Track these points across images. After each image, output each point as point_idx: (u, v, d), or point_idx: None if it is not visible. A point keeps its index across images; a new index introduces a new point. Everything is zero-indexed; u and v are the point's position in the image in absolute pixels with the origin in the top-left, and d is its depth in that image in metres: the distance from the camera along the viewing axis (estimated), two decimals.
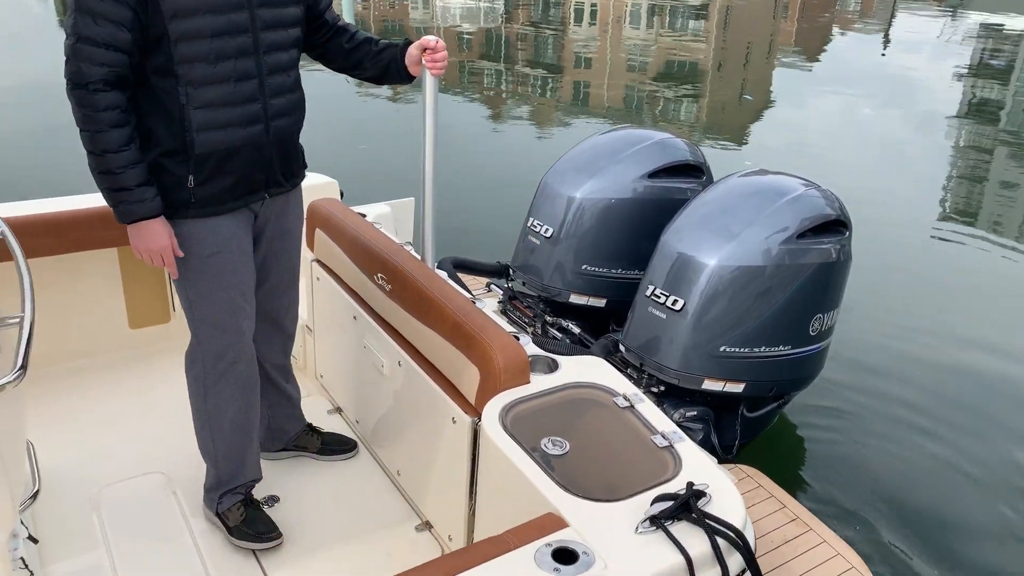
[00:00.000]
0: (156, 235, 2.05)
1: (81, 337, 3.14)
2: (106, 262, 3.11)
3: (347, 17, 15.20)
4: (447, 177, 6.57)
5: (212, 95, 2.01)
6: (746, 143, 8.28)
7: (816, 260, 2.79)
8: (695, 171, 3.45)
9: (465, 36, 13.53)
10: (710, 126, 8.84)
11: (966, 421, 3.87)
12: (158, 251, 2.06)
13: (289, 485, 2.59)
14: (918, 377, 4.21)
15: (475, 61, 11.66)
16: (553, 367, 2.14)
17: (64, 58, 1.91)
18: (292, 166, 2.27)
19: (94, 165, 1.97)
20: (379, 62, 2.30)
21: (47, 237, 2.94)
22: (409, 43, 2.29)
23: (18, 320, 1.63)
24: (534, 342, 2.37)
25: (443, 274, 2.62)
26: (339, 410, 3.00)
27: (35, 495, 2.15)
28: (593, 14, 16.23)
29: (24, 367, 1.51)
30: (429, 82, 2.31)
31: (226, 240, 2.13)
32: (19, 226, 2.86)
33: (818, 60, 12.54)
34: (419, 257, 2.56)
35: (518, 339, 2.19)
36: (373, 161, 7.30)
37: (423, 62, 2.28)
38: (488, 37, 13.45)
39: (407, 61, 2.27)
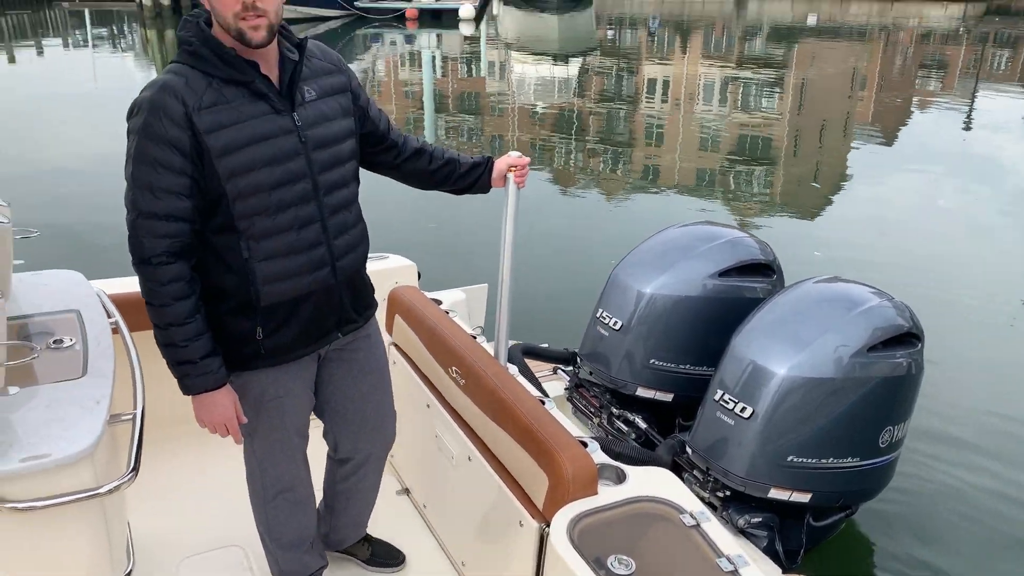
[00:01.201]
0: (220, 406, 2.01)
1: (161, 406, 3.31)
2: None
3: (427, 90, 15.76)
4: (516, 256, 6.71)
5: (275, 246, 1.97)
6: (819, 226, 8.23)
7: (887, 373, 2.78)
8: (766, 270, 3.49)
9: (538, 111, 13.88)
10: (784, 206, 8.83)
11: None
12: (222, 423, 2.03)
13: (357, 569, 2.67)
14: (996, 475, 4.05)
15: (547, 137, 11.94)
16: (621, 477, 2.19)
17: (127, 233, 1.89)
18: (363, 299, 2.25)
19: (160, 338, 1.94)
20: (465, 180, 2.39)
21: (137, 314, 3.13)
22: (491, 160, 2.41)
23: (131, 417, 1.76)
24: (601, 444, 2.43)
25: (514, 369, 2.71)
26: (407, 491, 3.08)
27: (129, 574, 2.27)
28: (665, 87, 16.46)
29: (136, 468, 1.64)
30: (512, 193, 2.45)
31: (289, 387, 2.14)
32: (120, 303, 3.06)
33: (896, 138, 12.42)
34: (492, 347, 2.66)
35: (586, 445, 2.25)
36: (445, 241, 7.50)
37: (508, 176, 2.41)
38: (560, 112, 13.77)
39: (493, 175, 2.40)
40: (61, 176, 9.47)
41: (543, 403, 2.39)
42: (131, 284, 3.18)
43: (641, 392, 3.45)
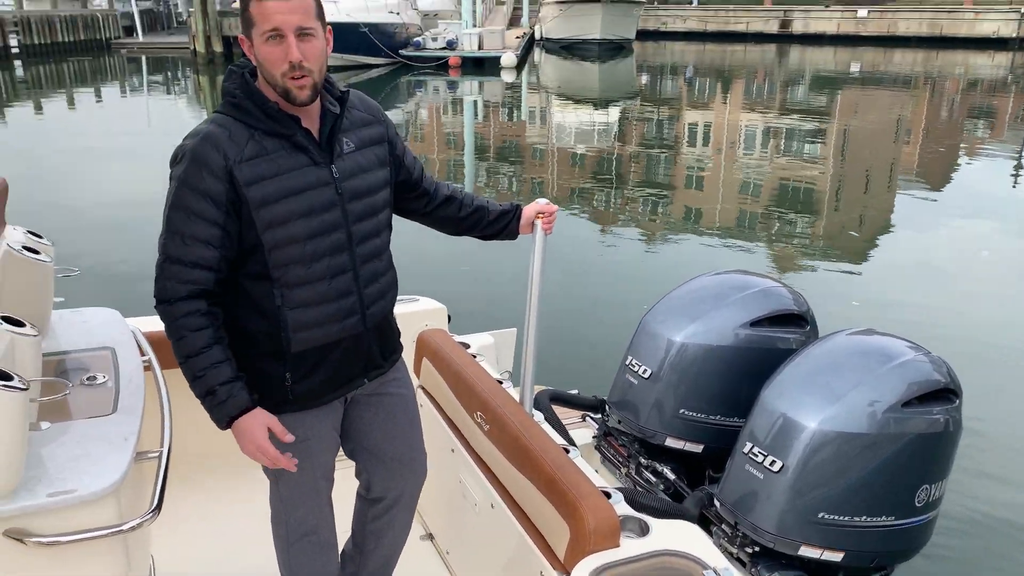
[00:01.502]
0: (249, 432, 1.98)
1: (189, 443, 3.35)
2: None
3: (468, 136, 16.01)
4: (549, 300, 6.71)
5: (308, 294, 2.00)
6: (859, 276, 8.11)
7: (923, 429, 2.70)
8: (799, 321, 3.43)
9: (578, 156, 13.98)
10: (824, 255, 8.72)
11: None
12: (256, 450, 2.00)
13: None
14: None
15: (586, 182, 12.00)
16: (644, 530, 2.15)
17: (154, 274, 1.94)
18: (390, 344, 2.28)
19: (185, 374, 1.96)
20: (494, 227, 2.42)
21: (170, 352, 3.19)
22: (519, 207, 2.44)
23: (157, 455, 1.79)
24: (626, 495, 2.39)
25: (540, 416, 2.70)
26: (431, 536, 3.06)
27: None
28: (707, 134, 16.49)
29: (159, 507, 1.67)
30: (540, 239, 2.47)
31: (315, 430, 2.16)
32: (154, 341, 3.13)
33: (941, 187, 12.23)
34: (518, 392, 2.65)
35: (609, 496, 2.22)
36: (477, 283, 7.54)
37: (536, 222, 2.43)
38: (600, 158, 13.85)
39: (521, 222, 2.43)
40: (107, 216, 9.78)
41: (568, 452, 2.37)
42: (145, 324, 3.24)
43: (670, 442, 3.39)
